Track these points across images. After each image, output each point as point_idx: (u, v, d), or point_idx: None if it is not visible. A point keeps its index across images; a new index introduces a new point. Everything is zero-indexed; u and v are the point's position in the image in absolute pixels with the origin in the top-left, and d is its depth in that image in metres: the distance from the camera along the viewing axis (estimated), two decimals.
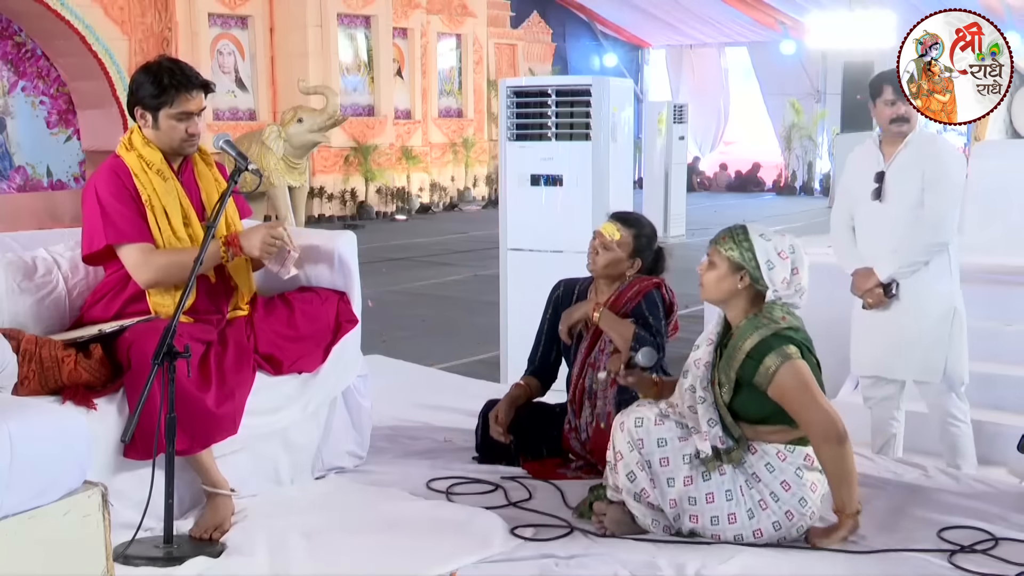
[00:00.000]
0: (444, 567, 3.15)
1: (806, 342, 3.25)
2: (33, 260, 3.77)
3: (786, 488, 3.23)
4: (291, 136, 12.84)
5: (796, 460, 3.25)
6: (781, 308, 3.29)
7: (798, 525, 3.26)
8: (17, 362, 3.30)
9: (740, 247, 3.29)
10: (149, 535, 3.28)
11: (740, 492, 3.24)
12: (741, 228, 3.35)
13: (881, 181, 4.19)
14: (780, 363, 3.18)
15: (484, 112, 20.14)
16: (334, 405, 4.07)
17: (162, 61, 3.68)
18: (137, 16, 14.56)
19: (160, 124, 3.62)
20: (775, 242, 3.31)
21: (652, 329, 3.88)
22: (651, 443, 3.26)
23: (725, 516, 3.24)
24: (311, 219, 15.71)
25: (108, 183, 3.60)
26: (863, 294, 4.24)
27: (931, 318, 4.16)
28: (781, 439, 3.27)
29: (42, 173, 14.69)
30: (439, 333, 8.11)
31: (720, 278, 3.33)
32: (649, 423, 3.29)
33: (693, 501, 3.24)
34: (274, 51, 16.49)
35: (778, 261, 3.28)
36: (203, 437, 3.46)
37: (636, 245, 4.04)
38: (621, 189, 5.80)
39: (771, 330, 3.22)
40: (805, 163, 22.39)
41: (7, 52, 14.18)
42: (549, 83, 5.87)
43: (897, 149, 4.19)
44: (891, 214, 4.17)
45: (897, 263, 4.13)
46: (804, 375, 3.18)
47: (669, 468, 3.24)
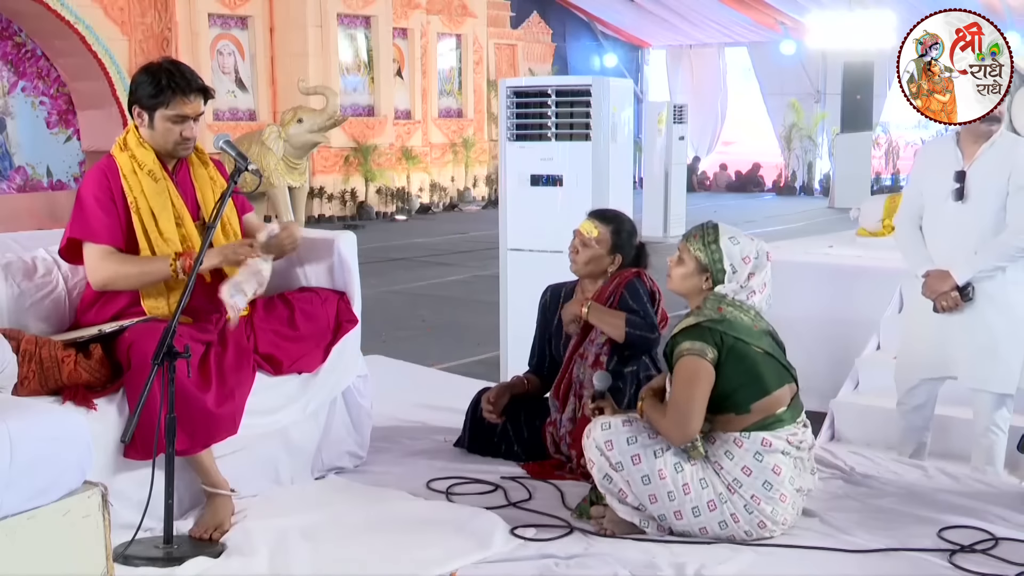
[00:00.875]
0: (444, 567, 3.15)
1: (740, 334, 3.29)
2: (33, 260, 3.77)
3: (747, 473, 3.26)
4: (291, 136, 12.84)
5: (753, 446, 3.28)
6: (720, 300, 3.33)
7: (770, 508, 3.27)
8: (17, 362, 3.30)
9: (708, 249, 3.38)
10: (149, 535, 3.28)
11: (710, 479, 3.27)
12: (712, 228, 3.42)
13: (962, 181, 4.04)
14: (685, 352, 3.27)
15: (484, 112, 20.14)
16: (334, 405, 4.07)
17: (163, 63, 3.69)
18: (137, 16, 14.56)
19: (155, 125, 3.62)
20: (743, 246, 3.38)
21: (639, 314, 3.89)
22: (620, 443, 3.28)
23: (704, 504, 3.26)
24: (311, 219, 15.71)
25: (93, 182, 3.64)
26: (937, 297, 4.06)
27: (1007, 328, 4.02)
28: (735, 427, 3.30)
29: (42, 173, 14.69)
30: (439, 333, 8.11)
31: (686, 275, 3.42)
32: (616, 424, 3.34)
33: (672, 496, 3.26)
34: (274, 51, 16.48)
35: (740, 265, 3.35)
36: (203, 437, 3.46)
37: (615, 241, 4.05)
38: (621, 189, 5.79)
39: (698, 319, 3.31)
40: (805, 163, 22.38)
41: (7, 52, 14.18)
42: (549, 83, 5.87)
43: (980, 148, 4.04)
44: (972, 215, 4.01)
45: (976, 266, 3.97)
46: (693, 374, 3.26)
47: (642, 465, 3.26)
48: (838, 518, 3.50)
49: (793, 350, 5.16)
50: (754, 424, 3.29)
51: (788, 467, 3.31)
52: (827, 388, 5.11)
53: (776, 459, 3.28)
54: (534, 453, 4.12)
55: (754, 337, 3.32)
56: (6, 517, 2.28)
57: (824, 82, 21.85)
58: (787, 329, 5.28)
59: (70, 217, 3.65)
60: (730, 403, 3.29)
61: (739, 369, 3.27)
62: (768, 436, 3.28)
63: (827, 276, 4.39)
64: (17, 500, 2.30)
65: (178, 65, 3.71)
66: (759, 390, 3.29)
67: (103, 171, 3.66)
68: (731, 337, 3.27)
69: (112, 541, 2.58)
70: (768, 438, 3.28)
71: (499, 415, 4.15)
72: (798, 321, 5.40)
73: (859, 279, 5.38)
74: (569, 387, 4.04)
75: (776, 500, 3.28)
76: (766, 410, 3.30)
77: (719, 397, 3.28)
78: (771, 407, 3.31)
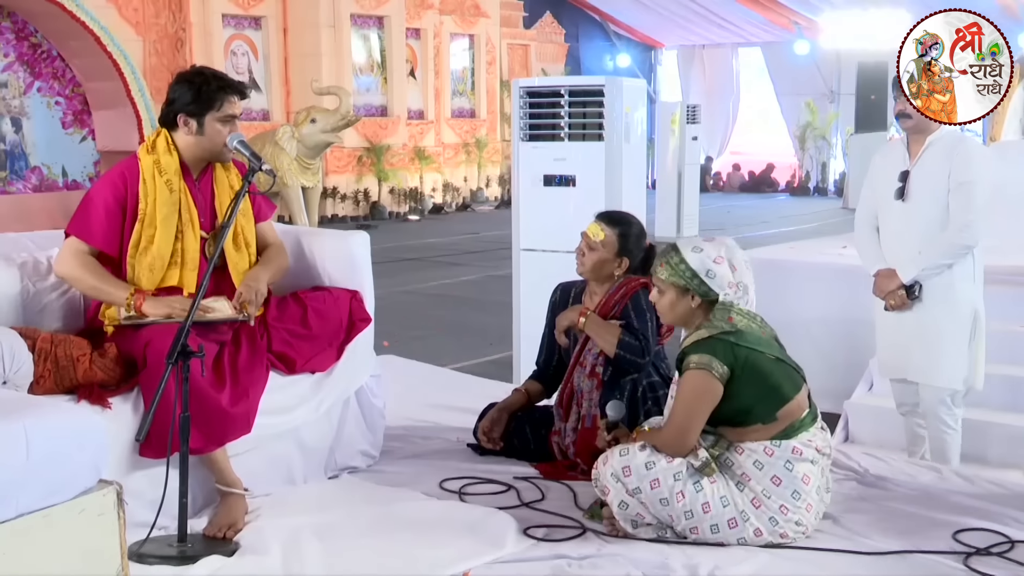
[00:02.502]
0: (457, 567, 3.15)
1: (752, 344, 3.26)
2: (48, 260, 3.79)
3: (776, 483, 3.24)
4: (304, 136, 12.87)
5: (784, 454, 3.25)
6: (728, 309, 3.29)
7: (795, 519, 3.26)
8: (33, 361, 3.32)
9: (676, 269, 3.33)
10: (163, 534, 3.29)
11: (733, 496, 3.24)
12: (673, 249, 3.39)
13: (905, 180, 4.11)
14: (693, 366, 3.24)
15: (497, 112, 20.14)
16: (347, 405, 4.07)
17: (202, 69, 3.76)
18: (151, 17, 14.61)
19: (206, 129, 3.65)
20: (708, 250, 3.34)
21: (637, 333, 3.88)
22: (638, 468, 3.25)
23: (724, 522, 3.23)
24: (324, 219, 15.73)
25: (108, 185, 3.67)
26: (885, 296, 4.17)
27: (954, 324, 4.09)
28: (763, 436, 3.27)
29: (57, 173, 14.73)
30: (451, 333, 8.11)
31: (672, 304, 3.38)
32: (634, 450, 3.30)
33: (690, 515, 3.24)
34: (287, 52, 16.51)
35: (716, 268, 3.31)
36: (217, 436, 3.47)
37: (622, 244, 4.03)
38: (634, 190, 5.79)
39: (710, 331, 3.27)
40: (819, 163, 22.32)
41: (23, 53, 14.24)
42: (562, 83, 5.87)
43: (922, 148, 4.11)
44: (915, 215, 4.09)
45: (921, 265, 4.05)
46: (697, 389, 3.23)
47: (660, 489, 3.24)
48: (852, 520, 3.49)
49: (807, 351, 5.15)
50: (781, 432, 3.27)
51: (816, 476, 3.30)
52: (841, 389, 5.09)
53: (805, 468, 3.26)
54: (544, 459, 4.12)
55: (764, 345, 3.30)
56: (22, 515, 2.29)
57: (838, 82, 21.78)
58: (801, 330, 5.31)
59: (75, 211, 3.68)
60: (754, 415, 3.26)
61: (757, 381, 3.24)
62: (797, 444, 3.26)
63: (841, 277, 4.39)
64: (33, 498, 2.31)
65: (212, 69, 3.78)
66: (780, 399, 3.27)
67: (123, 174, 3.67)
68: (745, 349, 3.24)
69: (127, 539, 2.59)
70: (798, 446, 3.26)
71: (498, 443, 4.15)
72: (812, 322, 5.39)
73: (873, 280, 5.35)
74: (571, 396, 4.04)
75: (803, 510, 3.26)
76: (791, 416, 3.28)
77: (742, 411, 3.26)
78: (795, 413, 3.29)
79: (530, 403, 4.27)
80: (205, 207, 3.72)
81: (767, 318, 3.41)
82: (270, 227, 3.99)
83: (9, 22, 14.04)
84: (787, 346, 3.42)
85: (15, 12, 13.96)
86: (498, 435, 4.15)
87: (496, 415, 4.18)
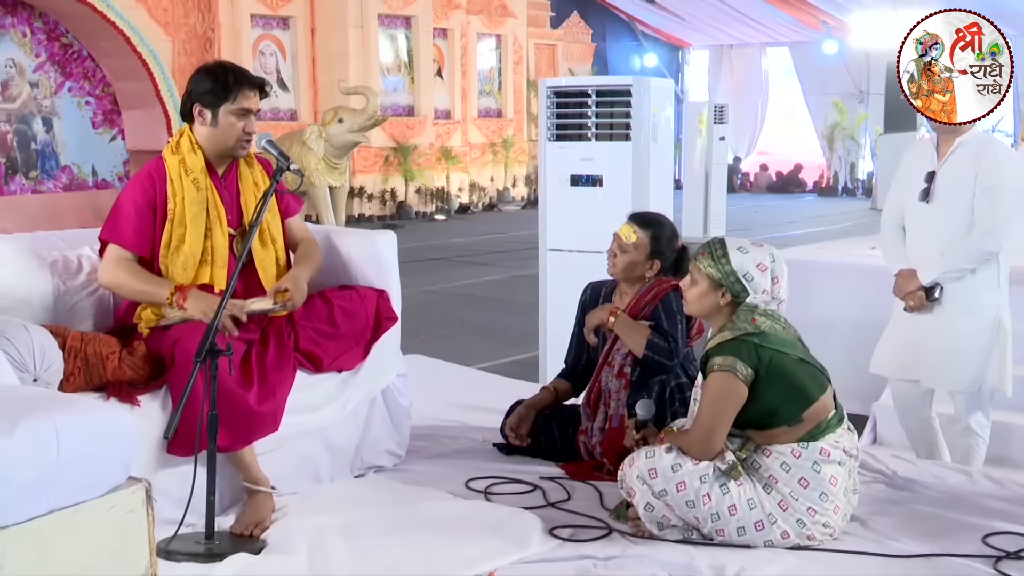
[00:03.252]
0: (482, 567, 3.16)
1: (776, 345, 3.24)
2: (78, 259, 3.82)
3: (804, 485, 3.22)
4: (332, 136, 12.90)
5: (811, 456, 3.24)
6: (752, 311, 3.28)
7: (823, 521, 3.24)
8: (63, 359, 3.35)
9: (718, 264, 3.32)
10: (191, 531, 3.31)
11: (760, 499, 3.22)
12: (719, 243, 3.37)
13: (931, 181, 4.08)
14: (717, 368, 3.22)
15: (523, 112, 20.14)
16: (373, 404, 4.08)
17: (222, 62, 3.79)
18: (181, 17, 14.70)
19: (220, 121, 3.65)
20: (753, 254, 3.32)
21: (667, 335, 3.87)
22: (665, 470, 3.24)
23: (751, 525, 3.22)
24: (351, 219, 15.78)
25: (137, 187, 3.68)
26: (905, 296, 4.15)
27: (973, 329, 4.05)
28: (790, 438, 3.26)
29: (87, 173, 14.86)
30: (477, 333, 8.11)
31: (702, 295, 3.36)
32: (660, 452, 3.29)
33: (716, 517, 3.23)
34: (315, 51, 16.57)
35: (757, 273, 3.30)
36: (245, 434, 3.49)
37: (654, 247, 4.02)
38: (661, 190, 5.78)
39: (733, 333, 3.25)
40: (847, 164, 22.18)
41: (54, 53, 14.36)
42: (589, 83, 5.86)
43: (950, 149, 4.08)
44: (939, 216, 4.06)
45: (942, 267, 4.02)
46: (722, 391, 3.22)
47: (686, 492, 3.22)
48: (880, 522, 3.47)
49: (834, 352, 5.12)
50: (808, 434, 3.25)
51: (843, 478, 3.28)
52: (869, 391, 5.06)
53: (833, 470, 3.25)
54: (570, 458, 4.11)
55: (788, 346, 3.28)
56: (52, 512, 2.30)
57: (867, 82, 21.64)
58: (828, 331, 5.28)
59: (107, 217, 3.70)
60: (780, 417, 3.25)
61: (782, 382, 3.22)
62: (824, 446, 3.24)
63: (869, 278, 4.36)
64: (64, 495, 2.33)
65: (233, 64, 3.79)
66: (805, 400, 3.25)
67: (151, 176, 3.69)
68: (769, 350, 3.23)
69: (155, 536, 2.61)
70: (825, 448, 3.24)
71: (525, 439, 4.15)
72: (840, 323, 5.36)
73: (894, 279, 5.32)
74: (599, 396, 4.04)
75: (830, 512, 3.25)
76: (817, 417, 3.26)
77: (767, 413, 3.24)
78: (821, 414, 3.27)
79: (558, 401, 4.26)
80: (231, 204, 3.74)
81: (794, 318, 3.39)
82: (299, 223, 4.01)
83: (41, 23, 14.17)
84: (814, 347, 3.41)
85: (47, 13, 14.09)
86: (525, 432, 4.14)
87: (524, 412, 4.19)
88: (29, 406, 2.42)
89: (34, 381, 3.21)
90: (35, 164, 14.35)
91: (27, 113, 14.23)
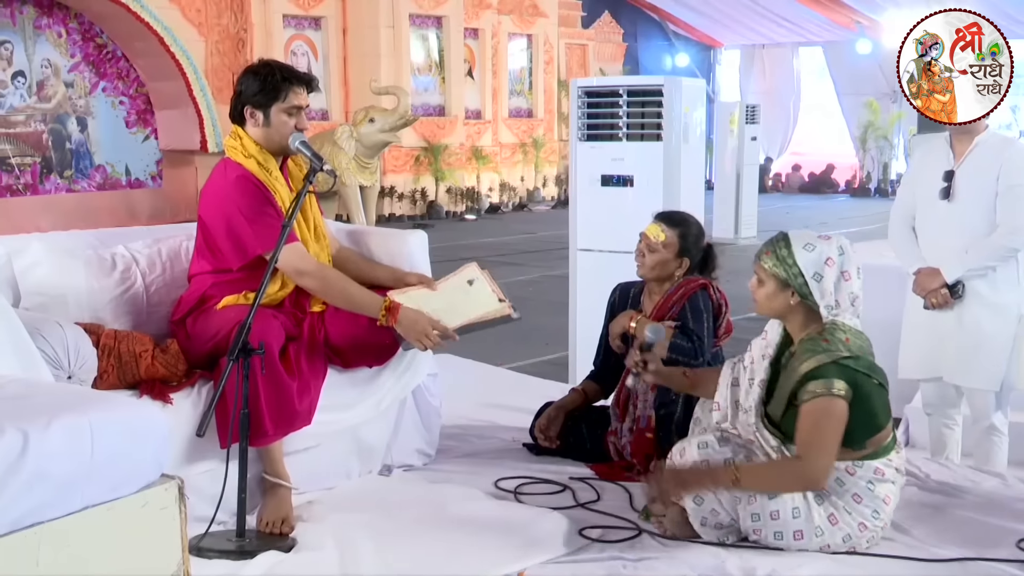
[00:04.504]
0: (511, 567, 3.16)
1: (867, 369, 3.15)
2: (112, 257, 3.84)
3: (857, 500, 3.19)
4: (363, 136, 12.93)
5: (866, 474, 3.19)
6: (844, 330, 3.17)
7: (868, 537, 3.21)
8: (97, 356, 3.38)
9: (784, 264, 3.18)
10: (221, 529, 3.33)
11: (809, 509, 3.17)
12: (783, 240, 3.23)
13: (950, 180, 4.08)
14: (820, 393, 3.09)
15: (554, 112, 20.13)
16: (404, 404, 4.09)
17: (268, 61, 3.77)
18: (214, 18, 14.80)
19: (272, 120, 3.65)
20: (820, 249, 3.18)
21: (692, 334, 3.85)
22: (717, 463, 3.19)
23: (790, 533, 3.18)
24: (381, 218, 15.82)
25: (246, 193, 3.60)
26: (927, 294, 4.13)
27: (995, 327, 4.05)
28: (847, 457, 3.18)
29: (121, 172, 15.00)
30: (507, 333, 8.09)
31: (770, 296, 3.23)
32: (713, 444, 3.24)
33: (756, 517, 3.19)
34: (347, 52, 16.63)
35: (826, 270, 3.17)
36: (285, 426, 3.52)
37: (682, 245, 4.01)
38: (692, 190, 5.75)
39: (831, 357, 3.11)
40: (880, 164, 22.01)
41: (89, 54, 14.51)
42: (620, 83, 5.85)
43: (968, 148, 4.08)
44: (960, 214, 4.06)
45: (967, 265, 4.02)
46: (830, 416, 3.08)
47: None
48: (914, 526, 3.44)
49: None
50: (865, 456, 3.20)
51: (895, 496, 3.24)
52: (901, 394, 5.01)
53: (887, 489, 3.21)
54: (600, 459, 4.11)
55: (876, 372, 3.18)
56: (86, 508, 2.32)
57: None
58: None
59: (216, 239, 3.62)
60: (845, 440, 3.14)
61: (861, 408, 3.13)
62: (880, 465, 3.20)
63: (901, 279, 4.33)
64: (98, 491, 2.34)
65: (279, 62, 3.80)
66: (874, 427, 3.19)
67: (247, 180, 3.62)
68: (861, 376, 3.11)
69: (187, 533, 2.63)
70: (880, 467, 3.20)
71: (555, 441, 4.14)
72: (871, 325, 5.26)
73: (912, 278, 5.28)
74: (628, 397, 4.03)
75: (879, 528, 3.22)
76: (877, 443, 3.21)
77: None
78: (882, 439, 3.22)
79: (587, 403, 4.26)
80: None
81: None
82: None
83: (76, 23, 14.32)
84: None
85: (82, 14, 14.23)
86: (555, 433, 4.14)
87: (553, 413, 4.18)
88: (63, 403, 2.44)
89: (68, 379, 3.23)
90: (70, 163, 14.50)
91: (62, 113, 14.38)
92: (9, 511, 2.19)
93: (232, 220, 3.59)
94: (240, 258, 3.62)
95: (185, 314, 3.70)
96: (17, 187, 13.93)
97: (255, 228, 3.57)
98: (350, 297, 3.68)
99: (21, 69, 13.91)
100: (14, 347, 2.85)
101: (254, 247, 3.59)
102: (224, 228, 3.62)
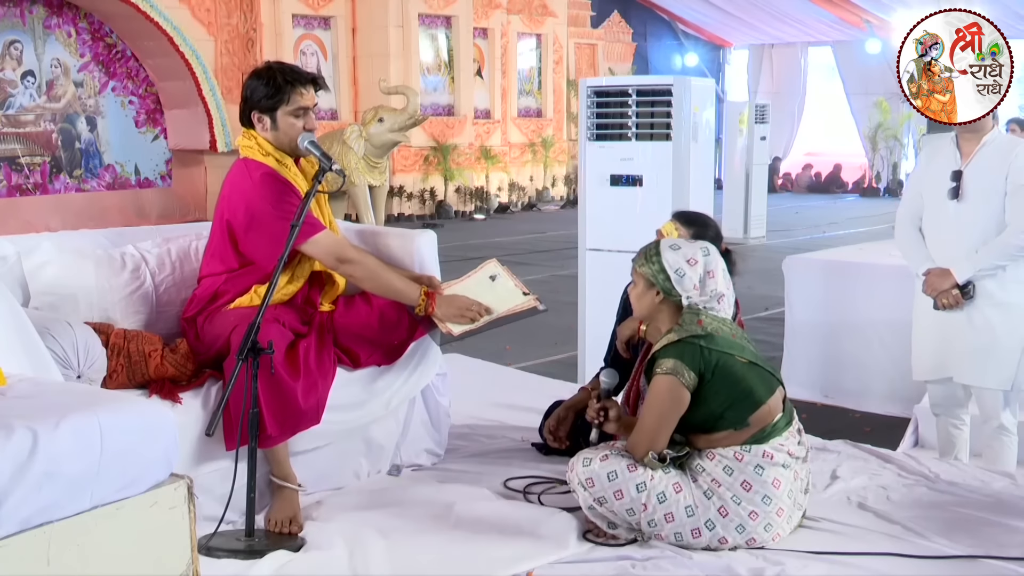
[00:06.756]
0: (520, 567, 3.16)
1: (724, 348, 3.23)
2: (122, 256, 3.84)
3: (747, 488, 3.22)
4: (372, 135, 12.94)
5: (754, 459, 3.23)
6: (698, 313, 3.27)
7: (764, 523, 3.23)
8: (106, 356, 3.38)
9: (650, 263, 3.33)
10: (230, 528, 3.34)
11: (698, 506, 3.22)
12: (654, 244, 3.40)
13: (958, 180, 4.07)
14: (663, 371, 3.21)
15: (563, 112, 20.13)
16: (413, 403, 4.10)
17: (271, 64, 3.77)
18: (223, 17, 14.82)
19: (279, 123, 3.65)
20: (684, 250, 3.33)
21: None
22: (602, 480, 3.24)
23: (688, 532, 3.23)
24: (390, 218, 15.84)
25: (273, 189, 3.60)
26: (938, 295, 4.12)
27: (1005, 327, 4.04)
28: (734, 442, 3.25)
29: (130, 171, 15.04)
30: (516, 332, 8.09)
31: (639, 295, 3.39)
32: (595, 462, 3.28)
33: (654, 523, 3.24)
34: (356, 51, 16.65)
35: (687, 268, 3.29)
36: (291, 426, 3.52)
37: None
38: (701, 190, 5.75)
39: (679, 335, 3.24)
40: (889, 164, 21.96)
41: (99, 53, 14.55)
42: (630, 83, 5.85)
43: (975, 148, 4.08)
44: (970, 214, 4.06)
45: (977, 264, 4.02)
46: (666, 393, 3.21)
47: (624, 500, 3.23)
48: (922, 525, 3.43)
49: (877, 354, 5.07)
50: (752, 437, 3.25)
51: (787, 480, 3.27)
52: (911, 393, 5.01)
53: (776, 472, 3.25)
54: None
55: (736, 348, 3.27)
56: (96, 507, 2.33)
57: None
58: (870, 333, 5.23)
59: (261, 235, 3.58)
60: (726, 421, 3.24)
61: (728, 385, 3.21)
62: (768, 449, 3.25)
63: (911, 279, 4.33)
64: (107, 490, 2.35)
65: (284, 63, 3.80)
66: (752, 403, 3.24)
67: (274, 177, 3.63)
68: (716, 353, 3.22)
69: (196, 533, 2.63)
70: (768, 451, 3.24)
71: (564, 441, 4.13)
72: (881, 325, 5.30)
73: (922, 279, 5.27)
74: (638, 396, 4.02)
75: (773, 514, 3.24)
76: (763, 420, 3.26)
77: (713, 417, 3.24)
78: (767, 417, 3.27)
79: None
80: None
81: (835, 320, 3.36)
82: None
83: (86, 23, 14.36)
84: (856, 350, 3.38)
85: (92, 13, 14.27)
86: (564, 434, 4.13)
87: (563, 413, 4.17)
88: (73, 403, 2.45)
89: (78, 378, 3.24)
90: (79, 163, 14.54)
91: (72, 112, 14.42)
92: (19, 510, 2.20)
93: (262, 218, 3.57)
94: (272, 256, 3.51)
95: (197, 312, 3.70)
96: (27, 186, 13.97)
97: (289, 224, 3.50)
98: (390, 284, 3.72)
99: (31, 69, 13.96)
100: (23, 347, 2.85)
101: (301, 237, 3.56)
102: (254, 226, 3.59)
